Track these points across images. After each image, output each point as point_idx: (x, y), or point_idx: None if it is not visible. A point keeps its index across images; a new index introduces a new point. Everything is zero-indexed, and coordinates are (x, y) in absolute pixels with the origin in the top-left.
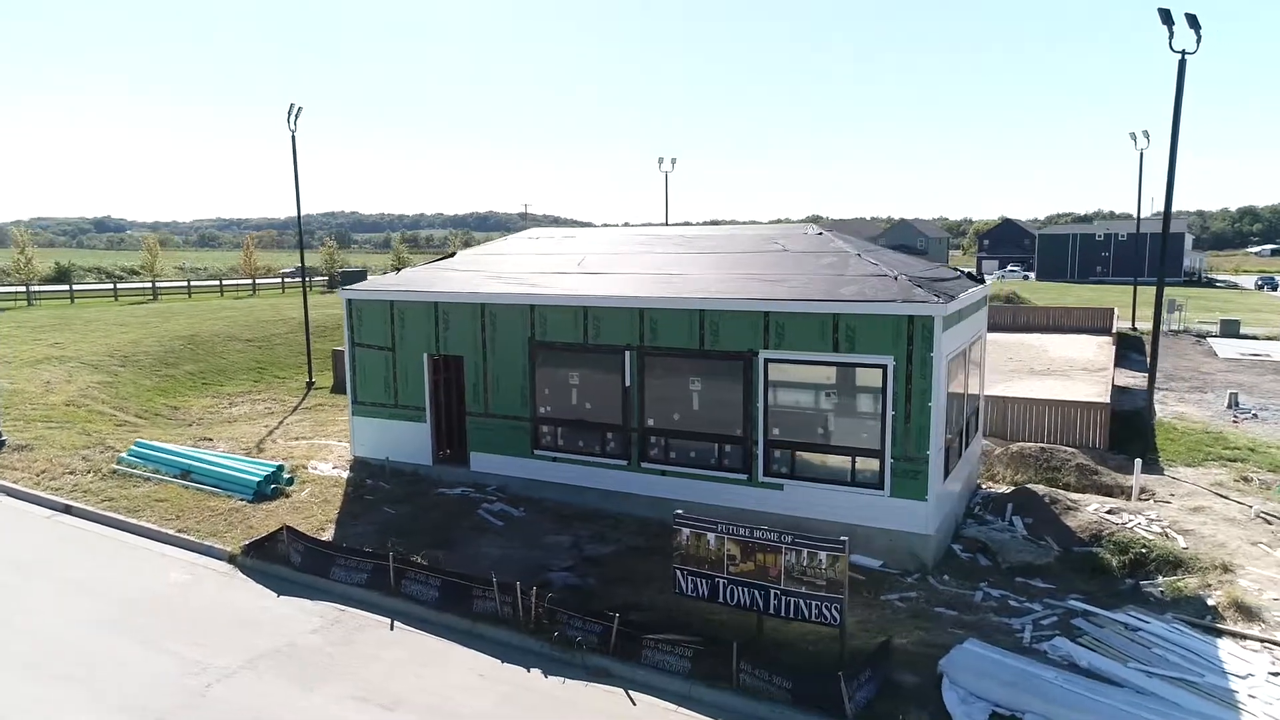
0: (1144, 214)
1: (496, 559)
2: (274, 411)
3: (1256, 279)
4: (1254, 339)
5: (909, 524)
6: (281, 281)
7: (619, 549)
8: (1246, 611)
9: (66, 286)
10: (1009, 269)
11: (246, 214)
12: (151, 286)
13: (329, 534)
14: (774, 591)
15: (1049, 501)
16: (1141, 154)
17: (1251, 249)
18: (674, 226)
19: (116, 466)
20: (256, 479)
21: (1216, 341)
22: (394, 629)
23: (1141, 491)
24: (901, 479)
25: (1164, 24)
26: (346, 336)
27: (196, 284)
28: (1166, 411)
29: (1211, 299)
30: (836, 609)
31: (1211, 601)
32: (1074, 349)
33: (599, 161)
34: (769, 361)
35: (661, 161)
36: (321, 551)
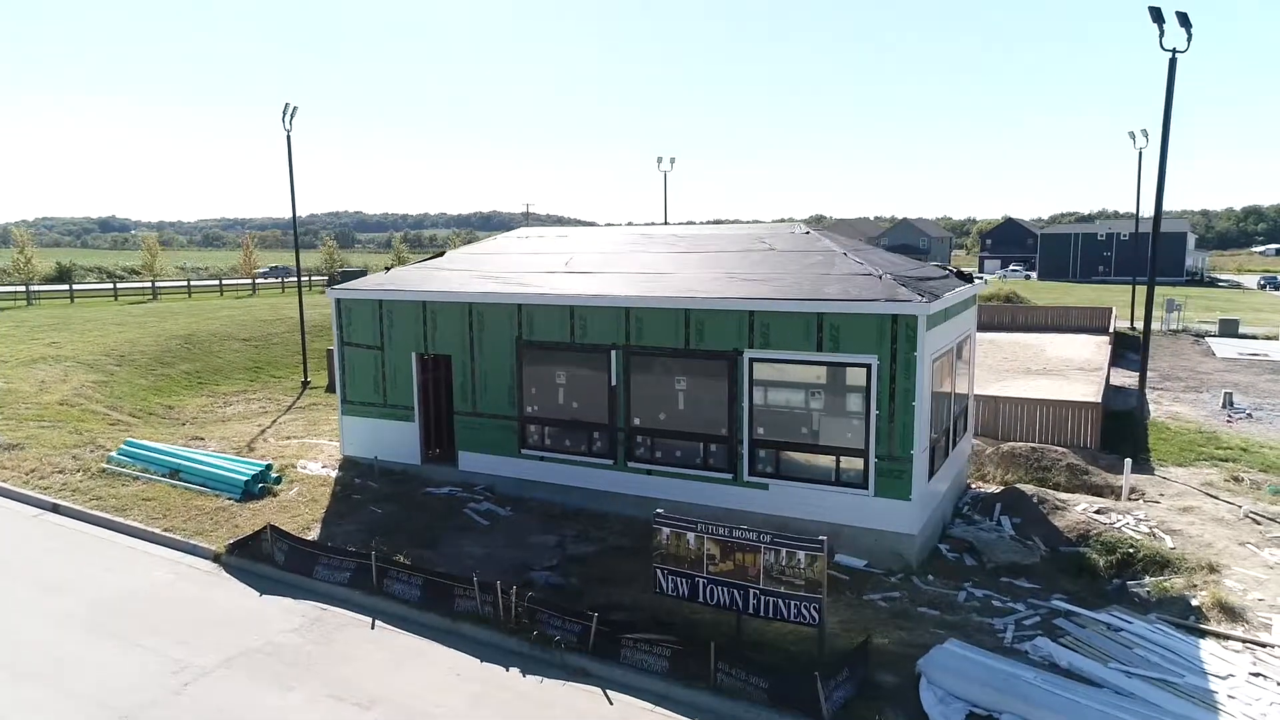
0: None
1: (481, 558)
2: (268, 411)
3: (1259, 279)
4: (1253, 339)
5: (893, 524)
6: (253, 282)
7: (603, 548)
8: (1230, 612)
9: (66, 286)
10: (1011, 268)
11: (251, 214)
12: (151, 286)
13: (315, 533)
14: (753, 591)
15: (1037, 501)
16: (1140, 153)
17: (1256, 248)
18: (664, 226)
19: (106, 466)
20: (244, 478)
21: (1215, 341)
22: (375, 628)
23: (1131, 491)
24: (886, 479)
25: (1154, 22)
26: (336, 336)
27: (196, 284)
28: (1161, 411)
29: (1213, 299)
30: (815, 609)
31: (1196, 602)
32: (1072, 349)
33: (602, 161)
34: (754, 361)
35: (660, 161)
36: (304, 550)
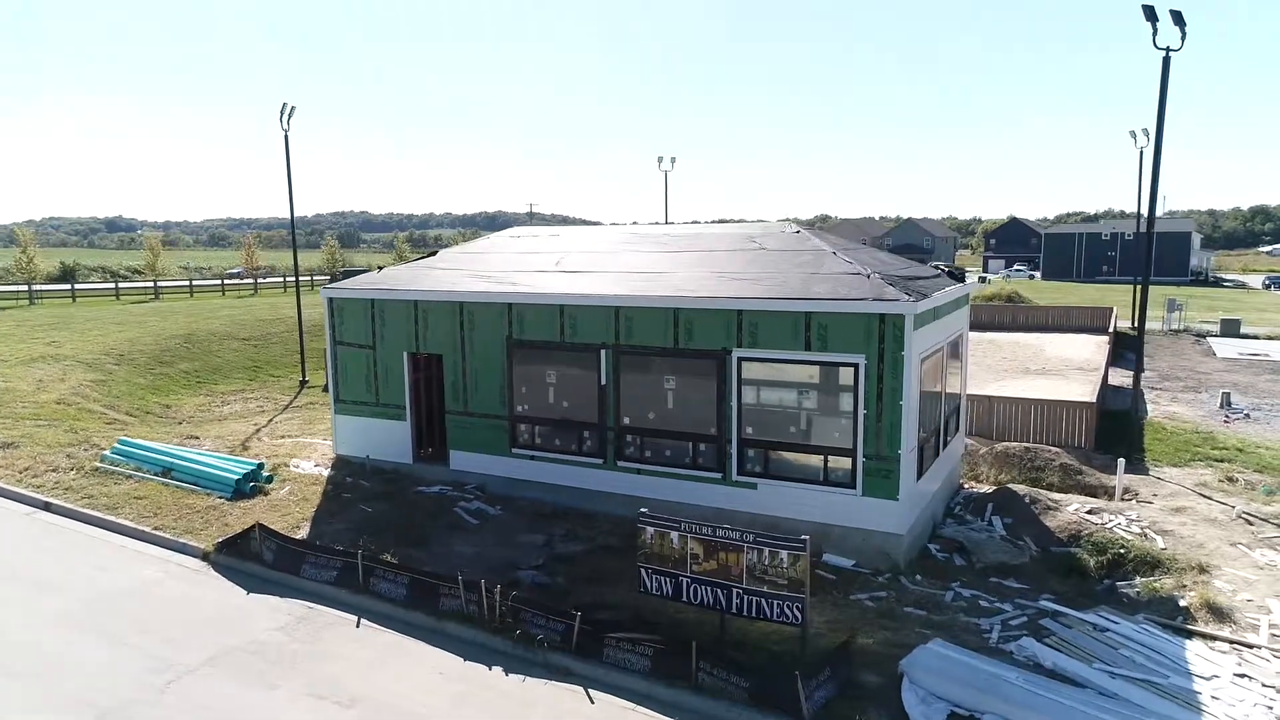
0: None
1: (469, 557)
2: (265, 410)
3: (1264, 279)
4: (1254, 339)
5: (881, 523)
6: (255, 282)
7: (591, 548)
8: (1218, 612)
9: (69, 286)
10: (1015, 268)
11: (257, 214)
12: (153, 286)
13: (304, 532)
14: (736, 590)
15: (1029, 501)
16: (1141, 152)
17: (1263, 248)
18: (656, 226)
19: (99, 464)
20: (235, 477)
21: (1216, 341)
22: (360, 627)
23: (1125, 492)
24: (873, 478)
25: (1148, 21)
26: (328, 335)
27: (199, 283)
28: (1158, 411)
29: (1217, 298)
30: (798, 608)
31: (1184, 602)
32: (1072, 348)
33: (607, 161)
34: (742, 360)
35: (661, 160)
36: (292, 549)
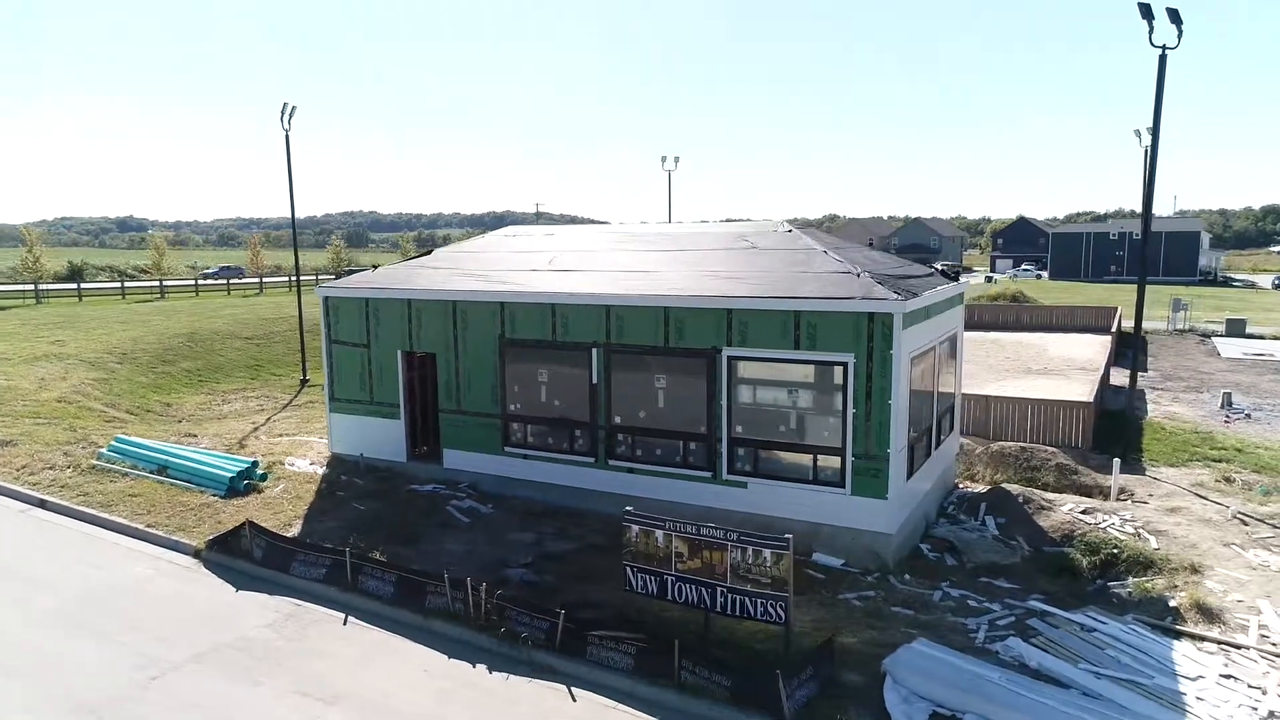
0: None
1: (459, 555)
2: (264, 409)
3: (1274, 278)
4: (1259, 339)
5: (870, 523)
6: (259, 281)
7: (581, 546)
8: (1208, 613)
9: (75, 285)
10: (1023, 268)
11: (266, 214)
12: (159, 285)
13: (296, 529)
14: (720, 589)
15: (1023, 501)
16: (1145, 151)
17: (1274, 248)
18: (649, 225)
19: (96, 462)
20: (229, 475)
21: (1221, 341)
22: (347, 624)
23: (1121, 492)
24: (862, 477)
25: (1144, 18)
26: (324, 333)
27: (204, 283)
28: (1159, 411)
29: (1225, 298)
30: (781, 607)
31: (1174, 603)
32: (1075, 348)
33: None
34: (732, 359)
35: (665, 160)
36: (281, 547)
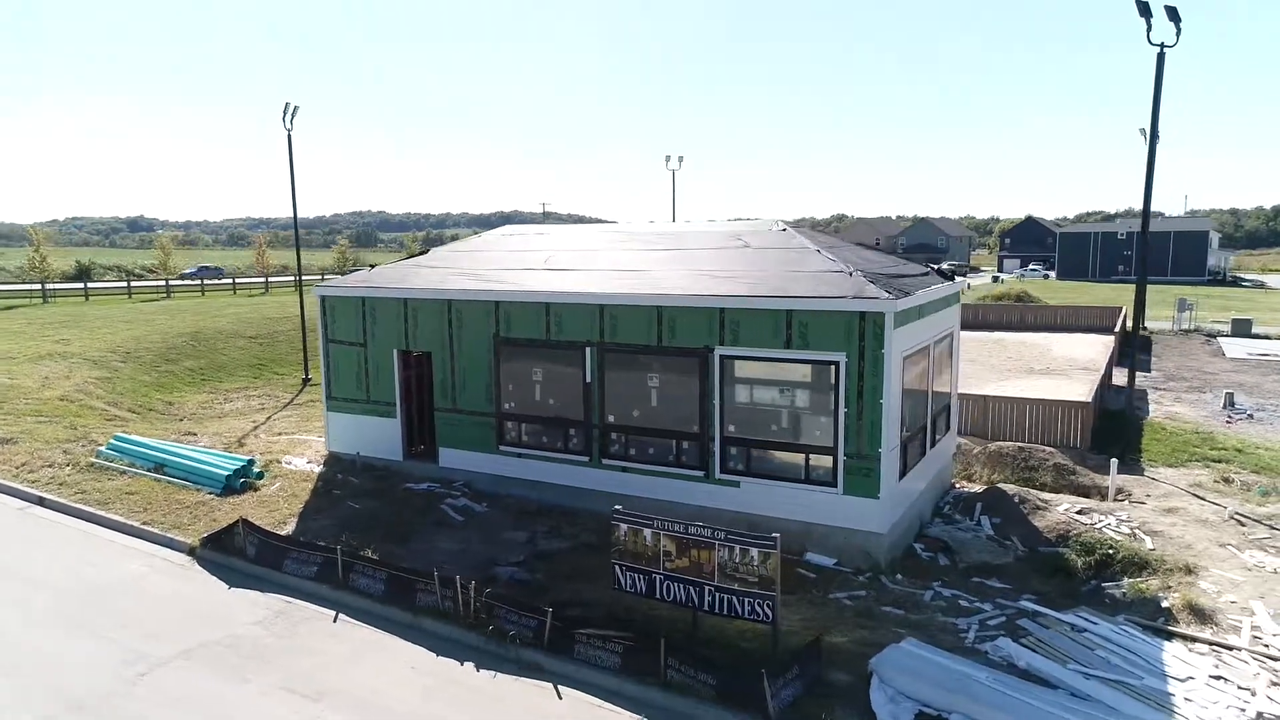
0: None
1: (451, 554)
2: (265, 407)
3: None
4: (1265, 339)
5: (862, 522)
6: (265, 281)
7: (573, 545)
8: (1200, 614)
9: (82, 284)
10: (1030, 267)
11: (276, 213)
12: (165, 284)
13: (290, 527)
14: (708, 588)
15: (1019, 501)
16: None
17: None
18: (644, 224)
19: (95, 460)
20: (225, 473)
21: (1226, 341)
22: (337, 621)
23: (1119, 492)
24: (854, 476)
25: (1142, 16)
26: (321, 332)
27: (210, 282)
28: (1160, 411)
29: (1233, 298)
30: (768, 606)
31: (1166, 604)
32: (1079, 348)
33: (623, 161)
34: (724, 358)
35: (669, 159)
36: (274, 544)
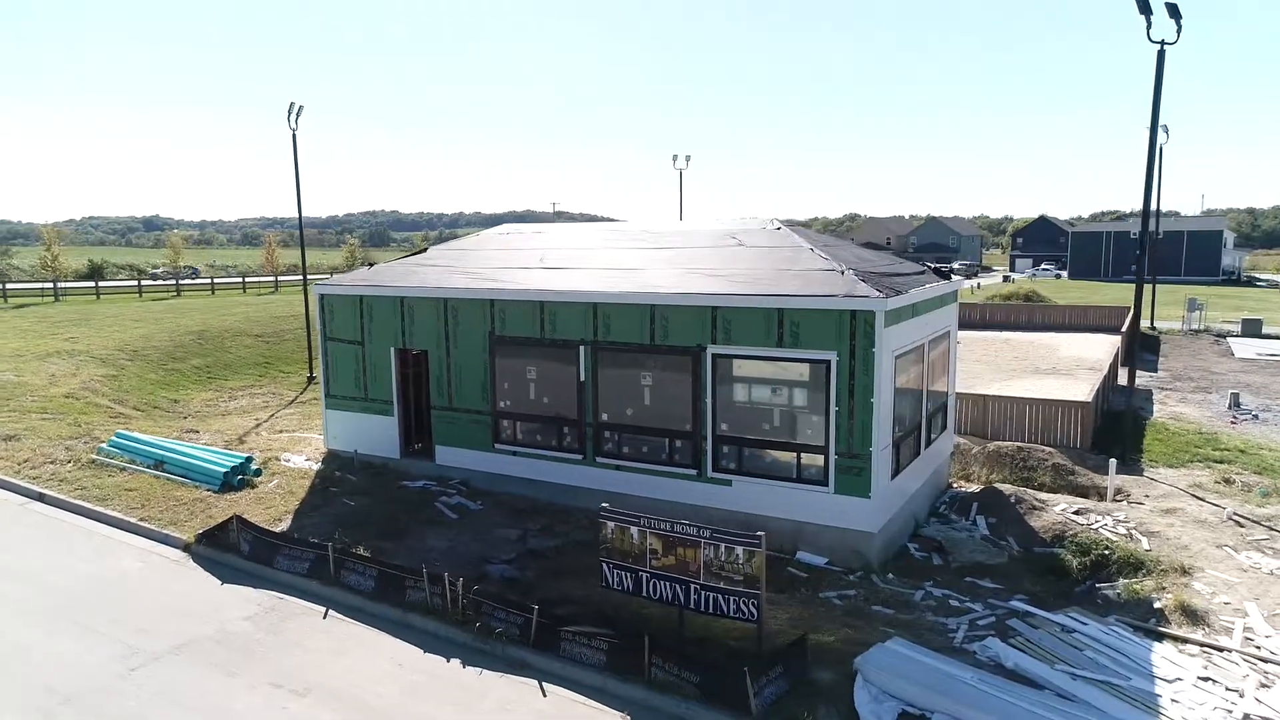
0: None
1: (444, 551)
2: (269, 406)
3: None
4: (1276, 339)
5: (853, 521)
6: (275, 280)
7: (565, 543)
8: (1192, 615)
9: (94, 283)
10: (1041, 267)
11: (289, 213)
12: (174, 283)
13: (285, 524)
14: (694, 586)
15: (1015, 501)
16: (1161, 149)
17: None
18: (639, 223)
19: (96, 456)
20: (223, 470)
21: (1236, 341)
22: (327, 618)
23: (1117, 492)
24: (845, 476)
25: (1142, 13)
26: (320, 331)
27: (220, 281)
28: (1164, 412)
29: (1246, 298)
30: (754, 605)
31: (1159, 604)
32: (1086, 348)
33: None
34: (717, 356)
35: (675, 159)
36: (267, 541)
